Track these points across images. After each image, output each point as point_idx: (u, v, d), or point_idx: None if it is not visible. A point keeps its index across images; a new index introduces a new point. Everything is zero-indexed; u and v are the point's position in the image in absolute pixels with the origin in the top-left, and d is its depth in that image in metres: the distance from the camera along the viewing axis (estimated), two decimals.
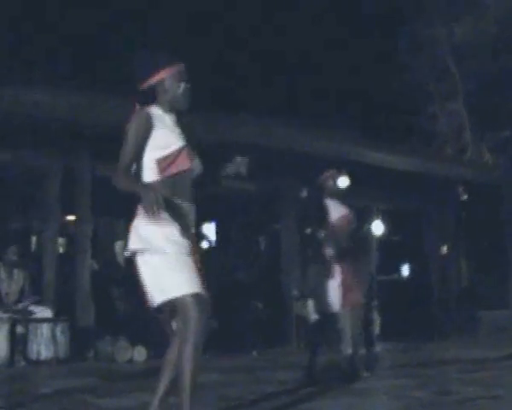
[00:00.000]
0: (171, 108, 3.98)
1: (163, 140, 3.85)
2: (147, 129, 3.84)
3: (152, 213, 3.60)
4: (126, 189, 3.79)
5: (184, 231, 3.80)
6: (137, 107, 3.95)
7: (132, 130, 3.84)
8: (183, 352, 3.71)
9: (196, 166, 4.01)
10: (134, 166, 3.89)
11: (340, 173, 7.34)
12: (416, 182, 13.61)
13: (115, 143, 3.91)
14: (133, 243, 3.80)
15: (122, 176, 3.81)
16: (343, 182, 7.29)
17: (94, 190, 10.09)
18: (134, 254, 3.82)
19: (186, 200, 3.90)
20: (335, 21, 17.58)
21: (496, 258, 15.04)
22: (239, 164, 4.13)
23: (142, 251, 3.77)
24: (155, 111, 3.92)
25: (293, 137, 11.78)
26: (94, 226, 10.51)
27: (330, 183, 7.27)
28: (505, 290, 15.03)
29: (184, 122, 4.06)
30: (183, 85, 3.98)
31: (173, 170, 3.87)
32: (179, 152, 3.88)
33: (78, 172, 10.16)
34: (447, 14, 17.22)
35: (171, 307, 3.84)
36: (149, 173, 3.86)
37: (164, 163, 3.84)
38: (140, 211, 3.78)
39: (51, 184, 10.04)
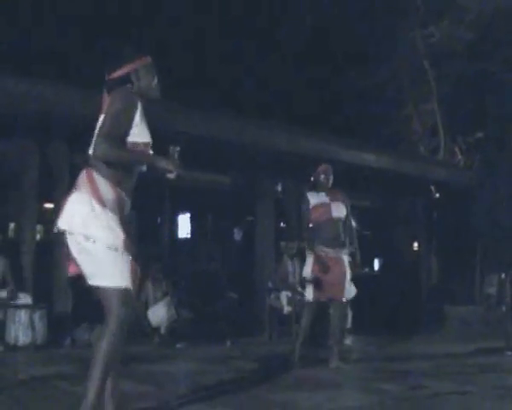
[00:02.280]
0: (141, 96, 4.07)
1: (138, 127, 3.94)
2: (135, 109, 3.93)
3: (177, 171, 3.84)
4: (128, 158, 3.89)
5: (122, 222, 3.89)
6: (107, 93, 4.03)
7: (125, 106, 3.90)
8: (100, 346, 3.76)
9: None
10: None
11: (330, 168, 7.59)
12: (388, 180, 13.84)
13: (92, 133, 3.98)
14: (78, 225, 3.82)
15: (121, 147, 3.85)
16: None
17: (72, 179, 10.10)
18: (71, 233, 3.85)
19: (128, 194, 4.00)
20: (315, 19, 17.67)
21: (464, 256, 15.33)
22: (172, 153, 4.21)
23: (87, 235, 3.80)
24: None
25: (268, 134, 11.93)
26: None
27: (322, 177, 7.50)
28: (472, 287, 15.34)
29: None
30: (156, 77, 4.16)
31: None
32: (145, 146, 3.99)
33: (55, 160, 10.18)
34: (424, 16, 17.42)
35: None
36: None
37: (131, 149, 3.94)
38: (85, 192, 3.86)
39: (29, 171, 10.06)
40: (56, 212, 10.04)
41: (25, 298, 9.14)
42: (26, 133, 9.73)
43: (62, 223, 3.86)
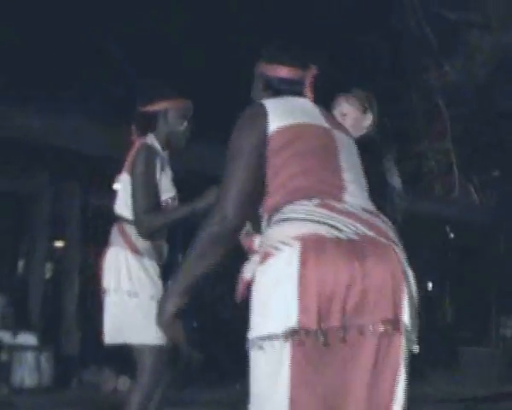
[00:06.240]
0: (166, 142, 3.90)
1: (163, 184, 3.84)
2: (154, 168, 3.79)
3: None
4: (175, 221, 3.81)
5: (160, 270, 3.86)
6: (135, 131, 3.88)
7: (146, 169, 3.76)
8: (131, 398, 3.71)
9: None
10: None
11: None
12: (403, 218, 13.68)
13: (105, 171, 3.91)
14: (115, 281, 3.78)
15: (160, 214, 3.80)
16: None
17: (83, 218, 10.04)
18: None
19: (163, 239, 3.93)
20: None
21: (479, 297, 15.13)
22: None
23: (123, 291, 3.75)
24: (156, 145, 3.85)
25: None
26: (83, 254, 10.39)
27: None
28: (487, 329, 15.10)
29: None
30: (185, 123, 3.93)
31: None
32: (172, 200, 3.89)
33: (67, 197, 10.10)
34: (439, 55, 17.37)
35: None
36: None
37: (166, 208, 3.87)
38: (118, 247, 3.78)
39: (40, 208, 9.97)
40: (67, 250, 10.11)
41: (29, 338, 8.94)
42: (38, 169, 9.66)
43: (103, 282, 3.82)
